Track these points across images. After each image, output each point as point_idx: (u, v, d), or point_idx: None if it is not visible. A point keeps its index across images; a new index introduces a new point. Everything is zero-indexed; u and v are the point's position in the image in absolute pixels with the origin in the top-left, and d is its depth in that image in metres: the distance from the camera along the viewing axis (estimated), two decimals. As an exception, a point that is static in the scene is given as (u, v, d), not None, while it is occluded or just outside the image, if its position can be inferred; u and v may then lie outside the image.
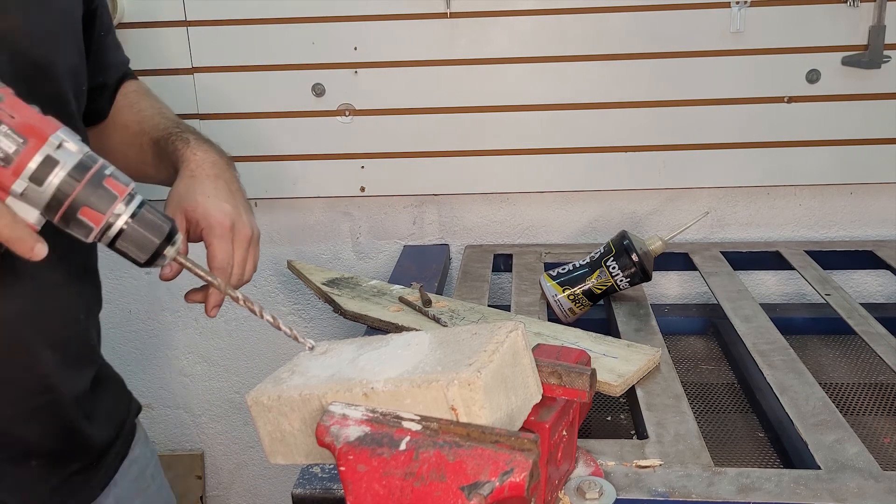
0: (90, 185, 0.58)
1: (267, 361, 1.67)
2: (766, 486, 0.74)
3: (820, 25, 1.34)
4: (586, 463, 0.76)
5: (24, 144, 0.56)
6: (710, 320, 1.35)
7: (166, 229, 0.63)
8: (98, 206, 0.59)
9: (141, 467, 0.94)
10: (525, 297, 1.22)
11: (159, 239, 0.62)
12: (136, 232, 0.61)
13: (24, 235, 0.57)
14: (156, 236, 0.62)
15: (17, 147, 0.56)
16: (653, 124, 1.41)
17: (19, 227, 0.57)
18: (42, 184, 0.57)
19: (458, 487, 0.53)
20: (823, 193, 1.47)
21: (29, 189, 0.57)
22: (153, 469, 0.98)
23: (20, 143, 0.56)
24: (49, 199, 0.58)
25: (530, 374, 0.63)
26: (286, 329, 0.69)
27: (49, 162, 0.57)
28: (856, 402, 1.10)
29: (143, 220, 0.61)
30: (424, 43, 1.39)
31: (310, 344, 0.71)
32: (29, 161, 0.56)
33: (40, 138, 0.57)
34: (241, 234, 0.78)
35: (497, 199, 1.52)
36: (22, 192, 0.57)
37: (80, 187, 0.58)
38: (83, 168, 0.58)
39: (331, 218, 1.56)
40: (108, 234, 0.60)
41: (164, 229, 0.63)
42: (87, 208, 0.58)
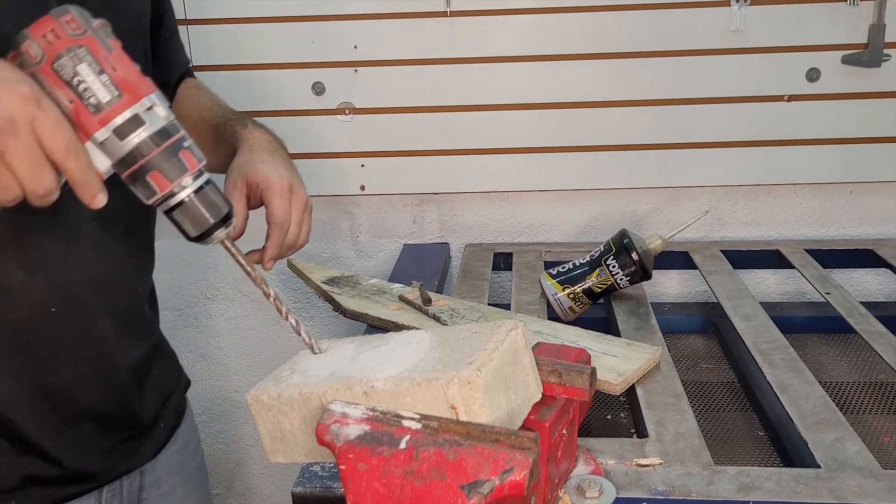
0: (166, 152, 0.60)
1: (267, 361, 1.67)
2: (766, 484, 0.74)
3: (820, 24, 1.34)
4: (586, 461, 0.76)
5: (118, 98, 0.58)
6: (710, 319, 1.35)
7: (223, 211, 0.64)
8: (168, 174, 0.60)
9: (186, 440, 0.98)
10: (525, 295, 1.22)
11: (214, 219, 0.63)
12: (194, 207, 0.62)
13: (91, 181, 0.58)
14: (212, 216, 0.63)
15: (111, 98, 0.57)
16: (653, 123, 1.41)
17: (91, 173, 0.58)
18: (123, 139, 0.58)
19: (458, 486, 0.53)
20: (823, 192, 1.47)
21: (109, 140, 0.58)
22: (195, 445, 1.02)
23: (115, 96, 0.57)
24: (125, 155, 0.59)
25: (530, 373, 0.63)
26: (305, 336, 0.70)
27: (135, 120, 0.58)
28: (856, 401, 1.10)
29: (204, 197, 0.63)
30: (424, 41, 1.39)
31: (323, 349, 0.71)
32: (118, 115, 0.58)
33: (134, 96, 0.58)
34: (298, 196, 0.84)
35: (497, 198, 1.52)
36: (102, 142, 0.58)
37: (157, 152, 0.59)
38: (165, 134, 0.60)
39: (331, 216, 1.56)
40: (168, 201, 0.62)
41: (221, 211, 0.64)
42: (158, 173, 0.60)
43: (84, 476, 0.82)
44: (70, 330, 0.77)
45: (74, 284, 0.76)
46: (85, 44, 0.57)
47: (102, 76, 0.57)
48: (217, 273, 1.62)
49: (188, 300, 1.63)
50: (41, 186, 0.56)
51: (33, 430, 0.76)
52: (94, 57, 0.57)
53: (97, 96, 0.57)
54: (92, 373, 0.80)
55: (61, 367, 0.77)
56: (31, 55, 0.56)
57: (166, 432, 0.93)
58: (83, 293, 0.77)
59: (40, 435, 0.76)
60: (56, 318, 0.75)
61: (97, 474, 0.83)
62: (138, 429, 0.87)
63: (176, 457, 0.95)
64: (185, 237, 0.64)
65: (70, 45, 0.56)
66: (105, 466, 0.84)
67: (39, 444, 0.77)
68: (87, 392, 0.80)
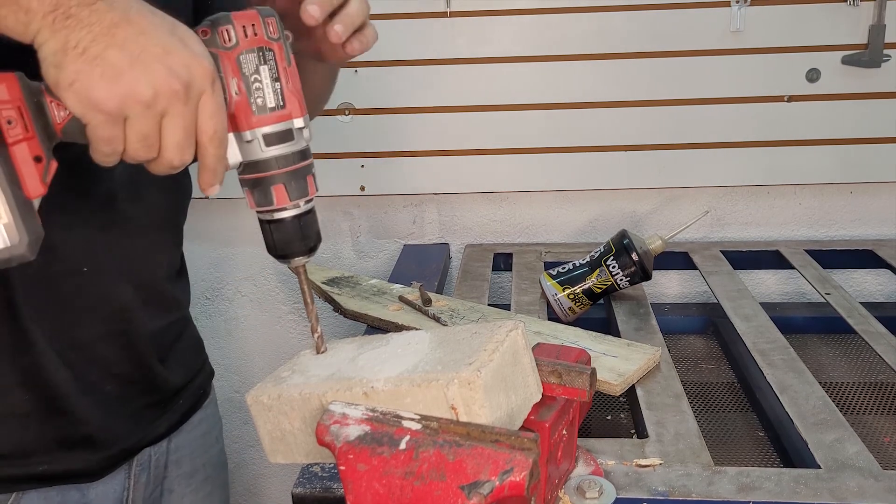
0: (297, 173, 0.62)
1: (267, 361, 1.67)
2: (766, 485, 0.74)
3: (820, 24, 1.34)
4: (586, 462, 0.76)
5: (280, 108, 0.60)
6: (710, 319, 1.35)
7: (311, 243, 0.65)
8: (291, 193, 0.62)
9: (209, 426, 0.99)
10: (525, 296, 1.22)
11: (303, 247, 0.65)
12: (291, 230, 0.64)
13: (218, 171, 0.59)
14: (302, 244, 0.65)
15: (274, 105, 0.59)
16: (653, 123, 1.41)
17: (221, 164, 0.59)
18: (268, 146, 0.60)
19: (457, 486, 0.53)
20: (823, 192, 1.47)
21: (254, 143, 0.60)
22: (217, 433, 1.03)
23: (278, 105, 0.60)
24: (260, 161, 0.60)
25: (530, 374, 0.63)
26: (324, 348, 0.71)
27: (286, 135, 0.60)
28: (856, 402, 1.10)
29: (304, 223, 0.64)
30: (424, 42, 1.39)
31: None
32: (274, 122, 0.60)
33: (295, 113, 0.60)
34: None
35: (497, 199, 1.52)
36: (247, 141, 0.60)
37: (290, 169, 0.61)
38: (303, 156, 0.62)
39: (331, 217, 1.56)
40: (272, 213, 0.63)
41: (310, 242, 0.65)
42: (283, 188, 0.61)
43: (110, 440, 0.83)
44: (96, 291, 0.79)
45: (104, 250, 0.78)
46: (275, 49, 0.59)
47: (276, 84, 0.59)
48: (217, 274, 1.62)
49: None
50: (179, 158, 0.56)
51: (61, 384, 0.77)
52: (277, 64, 0.59)
53: (264, 99, 0.59)
54: (114, 334, 0.81)
55: (88, 325, 0.79)
56: (225, 38, 0.58)
57: (185, 409, 0.94)
58: (109, 259, 0.79)
59: (67, 391, 0.78)
60: (85, 278, 0.77)
61: (122, 437, 0.84)
62: (158, 397, 0.89)
63: (199, 440, 0.97)
64: (269, 250, 0.65)
65: (263, 45, 0.59)
66: (130, 429, 0.85)
67: (67, 402, 0.78)
68: (110, 352, 0.81)
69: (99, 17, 0.51)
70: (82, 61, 0.51)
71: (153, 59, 0.52)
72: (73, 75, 0.51)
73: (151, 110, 0.53)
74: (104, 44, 0.51)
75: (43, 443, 0.78)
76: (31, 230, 0.55)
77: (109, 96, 0.52)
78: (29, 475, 0.78)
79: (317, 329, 0.70)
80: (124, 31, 0.52)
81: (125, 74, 0.52)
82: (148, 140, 0.55)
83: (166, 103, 0.53)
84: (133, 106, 0.52)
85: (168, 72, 0.53)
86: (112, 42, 0.51)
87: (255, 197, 0.62)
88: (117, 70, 0.51)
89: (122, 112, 0.53)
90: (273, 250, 0.65)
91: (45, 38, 0.51)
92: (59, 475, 0.79)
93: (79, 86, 0.51)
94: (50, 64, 0.51)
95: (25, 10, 0.50)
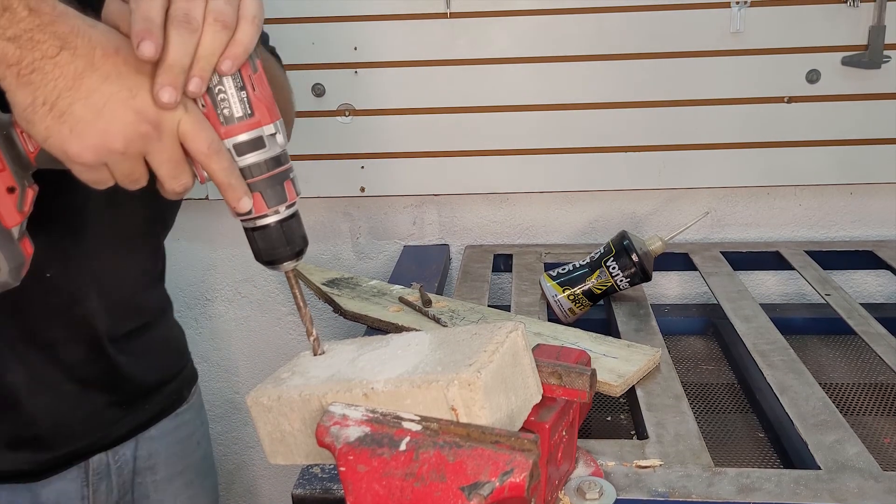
0: (273, 179, 0.61)
1: (267, 361, 1.67)
2: (767, 486, 0.74)
3: (820, 25, 1.34)
4: (586, 463, 0.76)
5: (248, 117, 0.59)
6: (710, 320, 1.35)
7: (298, 247, 0.65)
8: (268, 200, 0.61)
9: (188, 432, 0.98)
10: (525, 297, 1.22)
11: (290, 252, 0.65)
12: (276, 235, 0.63)
13: (236, 183, 0.58)
14: (288, 248, 0.64)
15: (242, 115, 0.59)
16: (653, 124, 1.41)
17: (234, 174, 0.58)
18: (241, 155, 0.59)
19: (458, 488, 0.53)
20: (823, 193, 1.47)
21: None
22: (199, 437, 1.02)
23: (246, 114, 0.59)
24: None
25: (530, 375, 0.63)
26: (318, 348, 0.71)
27: (257, 142, 0.60)
28: (856, 403, 1.10)
29: (288, 228, 0.64)
30: (424, 43, 1.39)
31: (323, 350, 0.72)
32: (243, 132, 0.59)
33: (264, 120, 0.60)
34: None
35: (497, 200, 1.52)
36: None
37: (266, 176, 0.61)
38: (277, 162, 0.61)
39: (331, 218, 1.56)
40: (255, 221, 0.63)
41: (297, 246, 0.65)
42: (260, 196, 0.61)
43: (60, 440, 0.82)
44: (59, 296, 0.79)
45: (68, 256, 0.78)
46: None
47: (242, 93, 0.58)
48: (216, 275, 1.62)
49: (187, 302, 1.63)
50: (179, 185, 0.57)
51: (15, 382, 0.77)
52: (241, 73, 0.58)
53: (231, 109, 0.58)
54: (77, 338, 0.81)
55: (51, 328, 0.79)
56: None
57: (155, 412, 0.93)
58: (74, 265, 0.79)
59: (20, 388, 0.78)
60: (49, 283, 0.77)
61: (74, 438, 0.84)
62: (121, 397, 0.88)
63: (176, 446, 0.96)
64: (255, 257, 0.65)
65: None
66: (84, 430, 0.84)
67: (17, 399, 0.78)
68: (72, 354, 0.81)
69: (62, 70, 0.51)
70: (51, 118, 0.51)
71: (119, 105, 0.52)
72: (45, 132, 0.52)
73: (127, 157, 0.54)
74: (69, 98, 0.51)
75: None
76: (11, 258, 0.56)
77: (82, 150, 0.52)
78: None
79: (312, 332, 0.70)
80: (89, 81, 0.51)
81: (92, 128, 0.52)
82: (133, 176, 0.56)
83: (141, 146, 0.54)
84: (108, 157, 0.53)
85: (136, 116, 0.53)
86: (77, 96, 0.51)
87: None
88: (84, 125, 0.52)
89: (99, 161, 0.53)
90: (259, 257, 0.65)
91: (11, 88, 0.51)
92: (5, 475, 0.79)
93: (52, 142, 0.52)
94: (20, 118, 0.52)
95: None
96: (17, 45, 0.49)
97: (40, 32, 0.50)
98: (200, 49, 0.54)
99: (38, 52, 0.50)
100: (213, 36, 0.54)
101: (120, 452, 0.88)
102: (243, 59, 0.56)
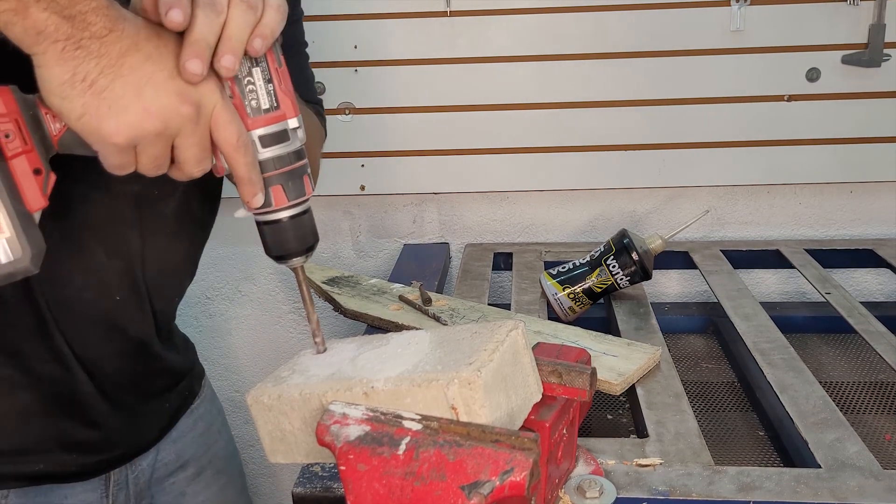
0: (294, 173, 0.62)
1: (267, 361, 1.67)
2: (767, 484, 0.74)
3: (820, 24, 1.34)
4: (586, 462, 0.76)
5: (274, 109, 0.59)
6: (710, 319, 1.35)
7: (309, 243, 0.66)
8: (289, 193, 0.62)
9: (207, 423, 0.99)
10: (525, 295, 1.22)
11: (300, 247, 0.65)
12: (287, 230, 0.64)
13: (255, 179, 0.59)
14: (299, 244, 0.65)
15: (268, 107, 0.59)
16: (653, 123, 1.41)
17: (256, 171, 0.59)
18: (265, 147, 0.60)
19: (458, 487, 0.53)
20: (823, 192, 1.47)
21: (252, 145, 0.60)
22: (219, 425, 1.03)
23: (273, 106, 0.59)
24: (260, 162, 0.60)
25: (530, 373, 0.63)
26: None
27: (282, 135, 0.60)
28: (856, 401, 1.10)
29: (299, 223, 0.64)
30: (424, 41, 1.39)
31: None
32: (269, 124, 0.59)
33: (290, 113, 0.60)
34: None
35: (497, 198, 1.52)
36: None
37: (287, 169, 0.61)
38: (298, 156, 0.62)
39: (331, 216, 1.56)
40: (267, 215, 0.63)
41: (307, 241, 0.65)
42: (281, 189, 0.61)
43: (109, 444, 0.83)
44: (131, 316, 0.80)
45: (140, 278, 0.79)
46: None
47: (269, 85, 0.59)
48: (217, 273, 1.62)
49: (188, 300, 1.63)
50: (199, 170, 0.57)
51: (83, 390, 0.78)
52: (269, 66, 0.59)
53: (259, 101, 0.59)
54: (122, 351, 0.82)
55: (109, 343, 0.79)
56: None
57: (170, 413, 0.94)
58: (141, 287, 0.80)
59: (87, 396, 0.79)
60: (120, 304, 0.78)
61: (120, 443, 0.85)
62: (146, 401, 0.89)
63: (200, 439, 0.97)
64: (266, 252, 0.65)
65: None
66: (124, 434, 0.85)
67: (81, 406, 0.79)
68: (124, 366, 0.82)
69: (108, 49, 0.51)
70: (90, 94, 0.51)
71: (160, 85, 0.52)
72: (81, 108, 0.51)
73: (161, 137, 0.54)
74: (111, 76, 0.51)
75: (43, 443, 0.78)
76: (34, 243, 0.55)
77: (118, 130, 0.52)
78: (22, 474, 0.78)
79: (317, 331, 0.70)
80: (131, 60, 0.52)
81: (133, 106, 0.52)
82: (159, 161, 0.55)
83: (178, 127, 0.54)
84: (143, 136, 0.53)
85: (177, 96, 0.53)
86: (119, 73, 0.51)
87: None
88: (125, 103, 0.52)
89: (132, 143, 0.53)
90: (270, 251, 0.65)
91: (49, 62, 0.50)
92: (50, 475, 0.80)
93: (87, 119, 0.51)
94: (54, 94, 0.51)
95: (37, 30, 0.49)
96: (71, 24, 0.49)
97: (94, 14, 0.50)
98: (228, 28, 0.54)
99: (87, 31, 0.50)
100: (240, 15, 0.54)
101: (137, 464, 0.89)
102: (271, 40, 0.56)
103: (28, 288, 0.71)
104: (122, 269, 0.77)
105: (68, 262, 0.73)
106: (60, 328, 0.75)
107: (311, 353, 0.71)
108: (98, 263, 0.75)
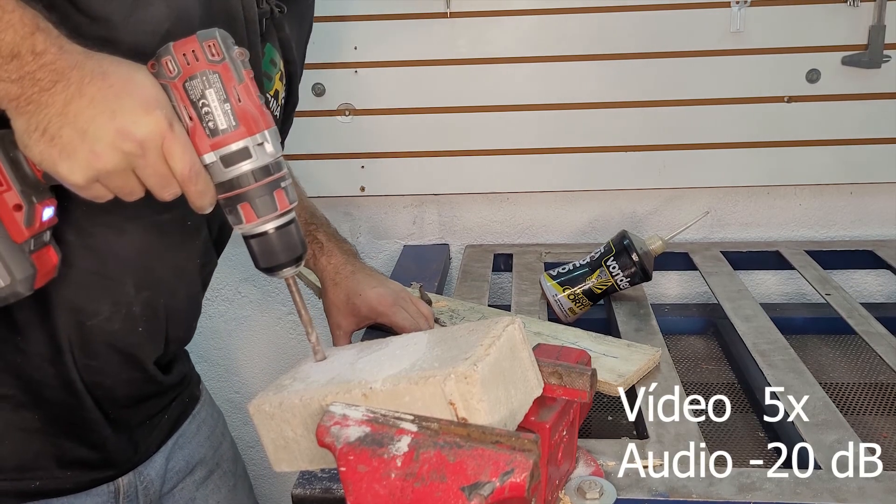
0: (262, 189, 0.62)
1: (266, 361, 1.67)
2: (767, 485, 0.74)
3: (820, 25, 1.34)
4: (587, 463, 0.76)
5: (234, 128, 0.60)
6: (710, 320, 1.35)
7: (297, 253, 0.66)
8: (257, 210, 0.63)
9: (210, 427, 1.00)
10: (525, 296, 1.22)
11: (287, 258, 0.66)
12: (272, 242, 0.65)
13: (208, 206, 0.62)
14: (285, 255, 0.65)
15: (227, 127, 0.60)
16: (653, 124, 1.40)
17: (206, 196, 0.62)
18: (228, 167, 0.61)
19: (458, 488, 0.53)
20: (823, 193, 1.47)
21: (215, 165, 0.61)
22: (222, 428, 1.04)
23: (231, 126, 0.60)
24: (224, 181, 0.62)
25: (530, 368, 0.63)
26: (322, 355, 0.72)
27: (243, 153, 0.61)
28: (856, 402, 1.10)
29: (285, 235, 0.65)
30: (424, 43, 1.39)
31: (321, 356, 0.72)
32: (229, 143, 0.60)
33: (249, 130, 0.61)
34: (401, 296, 1.03)
35: (497, 199, 1.52)
36: (208, 164, 0.61)
37: (254, 186, 0.62)
38: (266, 171, 0.62)
39: (331, 217, 1.54)
40: (251, 230, 0.64)
41: (295, 252, 0.66)
42: (249, 206, 0.62)
43: (108, 461, 0.82)
44: (148, 346, 0.80)
45: (162, 309, 0.79)
46: (219, 71, 0.60)
47: (226, 105, 0.60)
48: (217, 274, 1.61)
49: (188, 301, 1.63)
50: (168, 195, 0.60)
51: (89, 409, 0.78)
52: (224, 85, 0.59)
53: (215, 122, 0.60)
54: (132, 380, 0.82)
55: (115, 373, 0.79)
56: (168, 69, 0.59)
57: (171, 422, 0.93)
58: (161, 316, 0.80)
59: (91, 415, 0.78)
60: (142, 335, 0.78)
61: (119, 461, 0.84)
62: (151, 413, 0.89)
63: (205, 443, 0.97)
64: (255, 265, 0.66)
65: (205, 69, 0.59)
66: (123, 450, 0.84)
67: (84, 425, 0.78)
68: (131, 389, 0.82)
69: (55, 99, 0.55)
70: (43, 143, 0.56)
71: (102, 127, 0.56)
72: (39, 156, 0.56)
73: (117, 172, 0.57)
74: (59, 123, 0.56)
75: (40, 460, 0.77)
76: (21, 270, 0.60)
77: (72, 171, 0.56)
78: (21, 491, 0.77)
79: (313, 337, 0.70)
80: (76, 106, 0.56)
81: (80, 150, 0.56)
82: (126, 189, 0.59)
83: (126, 163, 0.57)
84: (99, 174, 0.57)
85: (118, 136, 0.56)
86: (65, 121, 0.56)
87: (230, 216, 0.64)
88: (73, 147, 0.56)
89: (91, 180, 0.57)
90: (258, 264, 0.66)
91: (11, 116, 0.56)
92: (45, 492, 0.78)
93: (46, 164, 0.57)
94: (20, 142, 0.57)
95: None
96: (19, 85, 0.54)
97: (41, 71, 0.54)
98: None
99: (36, 87, 0.54)
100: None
101: (144, 473, 0.88)
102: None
103: (47, 315, 0.72)
104: (148, 299, 0.77)
105: (98, 293, 0.74)
106: (75, 356, 0.74)
107: (312, 361, 0.71)
108: (127, 295, 0.75)
